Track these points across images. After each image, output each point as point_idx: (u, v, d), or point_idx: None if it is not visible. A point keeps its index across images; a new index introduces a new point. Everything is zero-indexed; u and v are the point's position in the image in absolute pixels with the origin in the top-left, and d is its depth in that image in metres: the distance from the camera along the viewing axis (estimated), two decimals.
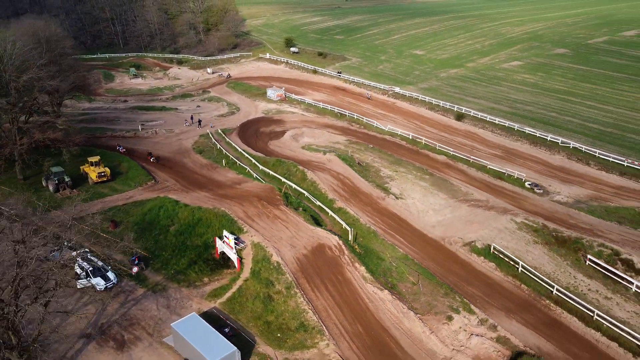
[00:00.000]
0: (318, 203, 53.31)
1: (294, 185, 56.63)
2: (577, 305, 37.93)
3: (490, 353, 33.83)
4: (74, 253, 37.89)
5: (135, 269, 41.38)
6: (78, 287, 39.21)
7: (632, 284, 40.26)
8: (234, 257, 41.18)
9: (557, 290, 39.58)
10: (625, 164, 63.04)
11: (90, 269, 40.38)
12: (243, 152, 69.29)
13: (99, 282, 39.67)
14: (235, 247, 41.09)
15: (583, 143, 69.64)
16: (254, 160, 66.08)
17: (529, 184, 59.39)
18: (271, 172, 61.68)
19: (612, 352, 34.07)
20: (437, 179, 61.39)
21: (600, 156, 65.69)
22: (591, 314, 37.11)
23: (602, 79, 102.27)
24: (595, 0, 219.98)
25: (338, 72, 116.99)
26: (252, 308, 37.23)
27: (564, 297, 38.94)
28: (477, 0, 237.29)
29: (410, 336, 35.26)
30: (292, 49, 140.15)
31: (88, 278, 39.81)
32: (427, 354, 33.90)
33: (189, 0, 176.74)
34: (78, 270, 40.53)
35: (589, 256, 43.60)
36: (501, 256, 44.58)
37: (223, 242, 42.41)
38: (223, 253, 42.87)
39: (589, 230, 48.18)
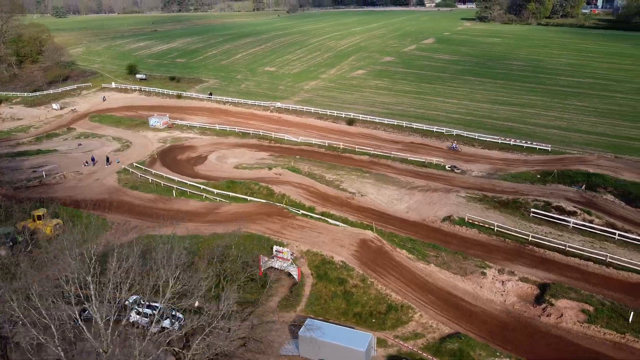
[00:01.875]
0: (301, 211, 57.20)
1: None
2: (551, 244, 50.47)
3: (526, 290, 43.69)
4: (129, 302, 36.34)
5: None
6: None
7: (570, 222, 54.81)
8: (292, 267, 43.31)
9: (531, 237, 51.73)
10: (500, 141, 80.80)
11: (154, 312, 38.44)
12: (183, 180, 68.06)
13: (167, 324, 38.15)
14: (291, 257, 43.33)
15: (460, 130, 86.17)
16: (202, 187, 65.76)
17: (449, 167, 72.41)
18: (231, 194, 62.77)
19: (591, 269, 46.94)
20: (375, 175, 70.28)
21: (480, 138, 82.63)
22: (563, 247, 49.96)
23: (434, 79, 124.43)
24: (380, 16, 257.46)
25: (209, 94, 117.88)
26: (335, 306, 40.45)
27: (539, 241, 51.21)
28: (277, 20, 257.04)
29: (468, 293, 43.05)
30: (139, 76, 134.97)
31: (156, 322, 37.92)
32: (488, 301, 42.17)
33: None
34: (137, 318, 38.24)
35: (532, 209, 57.25)
36: (476, 222, 55.33)
37: (272, 257, 44.08)
38: (269, 269, 44.49)
39: (516, 192, 62.47)
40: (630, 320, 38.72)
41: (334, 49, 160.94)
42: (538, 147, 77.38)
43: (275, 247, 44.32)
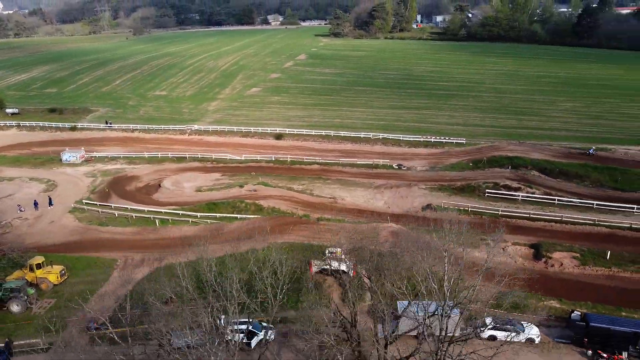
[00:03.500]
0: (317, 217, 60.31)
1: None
2: (518, 215, 61.58)
3: (524, 251, 53.46)
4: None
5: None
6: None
7: (518, 196, 67.05)
8: (347, 265, 46.79)
9: (501, 211, 62.36)
10: (422, 140, 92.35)
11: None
12: (155, 209, 65.85)
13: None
14: (344, 256, 46.76)
15: (383, 134, 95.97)
16: (181, 212, 64.69)
17: (396, 166, 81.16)
18: (218, 215, 63.13)
19: (555, 228, 58.78)
20: (337, 180, 75.88)
21: (405, 139, 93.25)
22: (527, 215, 61.41)
23: (329, 91, 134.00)
24: (238, 36, 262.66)
25: (109, 123, 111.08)
26: None
27: (508, 214, 62.01)
28: (128, 43, 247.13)
29: (484, 259, 51.21)
30: (9, 110, 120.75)
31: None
32: (504, 264, 50.69)
33: None
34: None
35: (486, 190, 68.44)
36: (450, 207, 64.42)
37: (324, 260, 47.03)
38: (321, 271, 47.41)
39: (464, 179, 73.48)
40: (607, 257, 50.56)
41: (217, 70, 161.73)
42: (455, 141, 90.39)
43: (328, 249, 47.40)
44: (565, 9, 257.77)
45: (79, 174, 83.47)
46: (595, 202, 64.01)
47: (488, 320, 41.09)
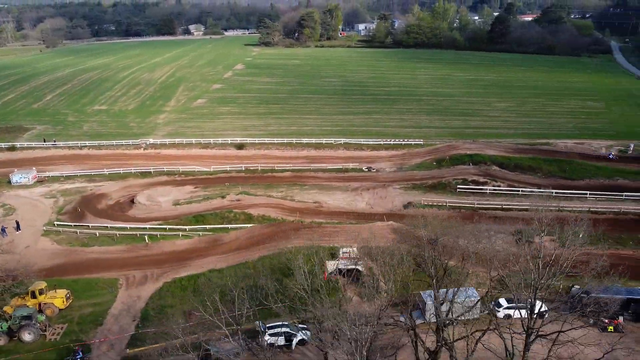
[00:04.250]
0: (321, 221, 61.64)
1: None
2: (492, 206, 66.92)
3: (509, 239, 58.48)
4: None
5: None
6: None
7: (486, 189, 72.74)
8: (361, 263, 48.81)
9: (476, 204, 67.45)
10: (382, 142, 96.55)
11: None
12: (137, 226, 64.21)
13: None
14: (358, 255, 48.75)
15: (344, 139, 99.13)
16: (168, 227, 63.61)
17: (366, 168, 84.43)
18: (208, 226, 62.85)
19: (527, 215, 64.68)
20: (314, 186, 77.75)
21: (366, 143, 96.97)
22: (500, 206, 66.92)
23: (277, 100, 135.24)
24: (166, 46, 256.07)
25: (53, 141, 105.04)
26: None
27: (483, 206, 67.19)
28: (44, 56, 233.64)
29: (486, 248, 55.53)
30: None
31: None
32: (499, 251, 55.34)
33: None
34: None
35: (457, 186, 73.55)
36: (429, 203, 68.63)
37: (338, 259, 48.79)
38: (335, 271, 49.11)
39: (433, 177, 78.19)
40: (581, 236, 56.68)
41: (155, 82, 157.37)
42: (413, 142, 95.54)
43: (342, 250, 49.22)
44: (478, 18, 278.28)
45: (35, 195, 78.74)
46: (554, 191, 70.96)
47: (502, 301, 44.98)
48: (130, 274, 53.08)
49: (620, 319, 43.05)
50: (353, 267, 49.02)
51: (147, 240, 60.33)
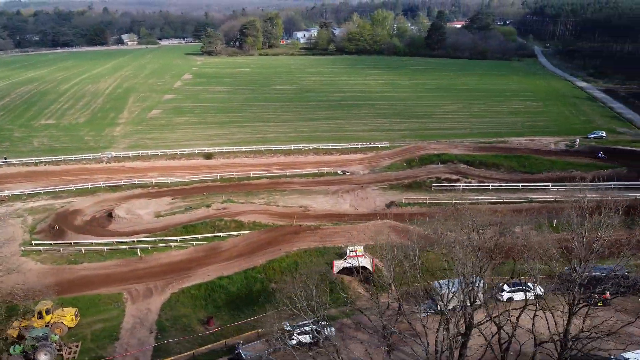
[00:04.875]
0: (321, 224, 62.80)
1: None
2: (468, 201, 71.23)
3: (491, 232, 62.69)
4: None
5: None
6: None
7: (460, 186, 77.24)
8: (367, 261, 50.76)
9: (454, 200, 71.52)
10: (350, 146, 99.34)
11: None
12: (123, 240, 62.73)
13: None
14: (365, 254, 50.62)
15: (313, 144, 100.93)
16: (157, 239, 62.71)
17: (340, 172, 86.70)
18: (199, 236, 62.57)
19: (500, 208, 69.59)
20: (294, 191, 78.96)
21: (335, 147, 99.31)
22: (476, 200, 71.38)
23: (233, 109, 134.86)
24: (101, 57, 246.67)
25: (4, 159, 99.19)
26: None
27: (459, 202, 71.28)
28: None
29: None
30: None
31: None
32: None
33: None
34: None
35: (433, 184, 77.53)
36: (411, 202, 71.97)
37: (346, 259, 50.47)
38: (343, 269, 50.84)
39: (408, 177, 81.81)
40: (555, 224, 61.99)
41: (101, 94, 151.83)
42: (379, 145, 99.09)
43: (349, 248, 50.98)
44: (410, 25, 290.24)
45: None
46: (520, 184, 76.62)
47: (505, 287, 48.56)
48: (132, 287, 52.02)
49: (607, 294, 47.72)
50: (360, 265, 50.97)
51: (139, 253, 59.12)
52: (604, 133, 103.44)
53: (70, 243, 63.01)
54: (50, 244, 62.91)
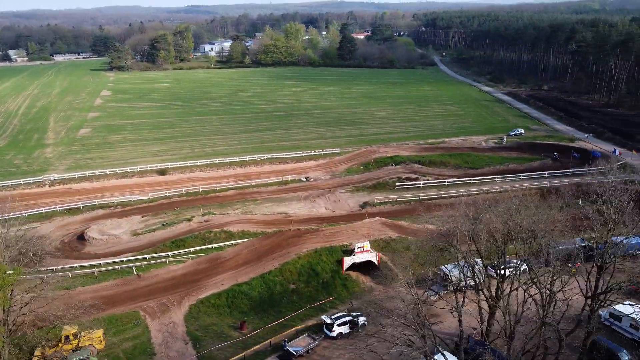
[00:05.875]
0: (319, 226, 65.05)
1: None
2: (432, 197, 77.82)
3: None
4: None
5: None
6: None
7: (420, 184, 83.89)
8: (373, 255, 54.46)
9: (420, 197, 77.75)
10: (304, 154, 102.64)
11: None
12: (109, 261, 60.99)
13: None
14: (370, 249, 54.28)
15: (267, 154, 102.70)
16: (148, 256, 61.59)
17: (304, 179, 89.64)
18: (191, 249, 62.55)
19: (464, 201, 76.91)
20: (267, 199, 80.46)
21: (289, 156, 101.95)
22: (439, 195, 78.12)
23: (168, 124, 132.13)
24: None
25: None
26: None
27: (425, 198, 77.70)
28: None
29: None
30: None
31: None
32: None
33: None
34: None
35: (396, 184, 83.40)
36: (382, 201, 77.04)
37: (354, 255, 53.85)
38: (352, 266, 54.21)
39: (369, 179, 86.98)
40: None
41: (15, 115, 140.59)
42: (330, 152, 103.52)
43: (357, 244, 54.40)
44: (325, 38, 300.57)
45: None
46: (472, 179, 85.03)
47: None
48: (145, 304, 51.14)
49: (578, 263, 55.87)
50: (368, 260, 54.80)
51: (135, 272, 57.81)
52: (523, 130, 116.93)
53: (52, 269, 59.60)
54: (30, 272, 58.92)
